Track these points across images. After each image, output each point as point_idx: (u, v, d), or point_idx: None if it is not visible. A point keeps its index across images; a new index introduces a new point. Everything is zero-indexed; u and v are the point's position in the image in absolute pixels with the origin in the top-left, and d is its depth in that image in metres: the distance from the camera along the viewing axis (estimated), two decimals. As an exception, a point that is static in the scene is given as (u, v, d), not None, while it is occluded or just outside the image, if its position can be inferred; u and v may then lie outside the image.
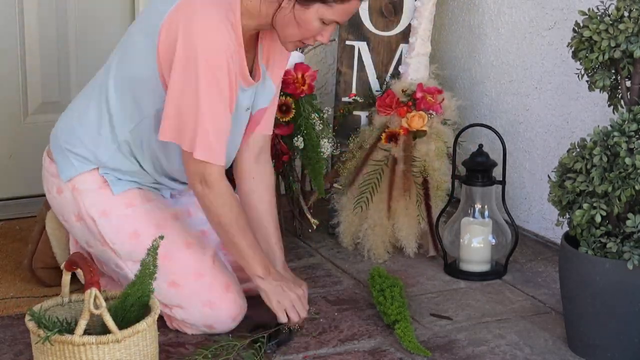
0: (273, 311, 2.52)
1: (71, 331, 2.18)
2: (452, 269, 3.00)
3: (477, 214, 2.96)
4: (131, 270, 2.48)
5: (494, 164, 2.97)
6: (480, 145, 2.99)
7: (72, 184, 2.54)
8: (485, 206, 2.96)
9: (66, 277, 2.31)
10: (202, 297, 2.53)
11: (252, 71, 2.55)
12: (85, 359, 2.15)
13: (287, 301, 2.52)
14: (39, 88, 3.32)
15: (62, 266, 2.31)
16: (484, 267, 2.97)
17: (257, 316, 2.60)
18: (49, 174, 2.60)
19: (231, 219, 2.47)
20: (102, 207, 2.54)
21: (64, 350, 2.15)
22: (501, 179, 2.96)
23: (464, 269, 2.98)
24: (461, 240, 2.96)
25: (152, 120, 2.49)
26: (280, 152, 3.04)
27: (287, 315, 2.52)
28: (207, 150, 2.39)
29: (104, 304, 2.16)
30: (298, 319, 2.53)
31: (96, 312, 2.15)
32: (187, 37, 2.34)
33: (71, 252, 2.71)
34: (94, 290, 2.16)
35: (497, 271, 2.99)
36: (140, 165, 2.56)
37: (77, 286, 2.49)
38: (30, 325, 2.19)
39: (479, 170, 2.95)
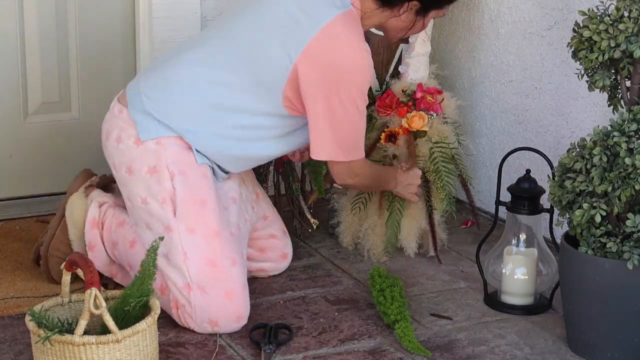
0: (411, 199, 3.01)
1: (71, 331, 2.18)
2: (493, 300, 2.81)
3: (521, 243, 2.76)
4: (180, 235, 2.53)
5: (542, 191, 2.73)
6: (528, 171, 2.76)
7: (158, 139, 2.58)
8: (530, 235, 2.76)
9: (66, 277, 2.31)
10: (227, 285, 2.55)
11: None
12: (85, 359, 2.15)
13: (414, 190, 3.00)
14: (39, 88, 3.32)
15: (61, 266, 2.31)
16: (527, 300, 2.78)
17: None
18: (124, 123, 2.62)
19: (372, 179, 2.88)
20: (183, 167, 2.58)
21: (64, 351, 2.15)
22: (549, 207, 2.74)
23: (505, 301, 2.78)
24: (503, 271, 2.77)
25: (264, 121, 2.63)
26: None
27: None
28: (359, 153, 2.70)
29: (104, 304, 2.16)
30: (420, 196, 3.02)
31: (96, 312, 2.15)
32: (336, 68, 2.54)
33: (87, 236, 2.73)
34: (94, 290, 2.17)
35: (541, 304, 2.78)
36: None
37: (79, 285, 2.49)
38: (31, 325, 2.19)
39: (525, 197, 2.73)
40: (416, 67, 3.20)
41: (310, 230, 3.23)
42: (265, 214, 2.91)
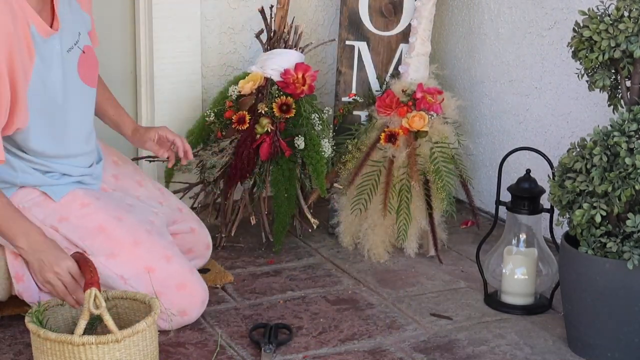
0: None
1: (71, 331, 2.18)
2: (493, 300, 2.81)
3: (521, 243, 2.75)
4: (105, 265, 2.50)
5: (542, 191, 2.73)
6: (528, 171, 2.75)
7: (16, 203, 2.47)
8: (530, 235, 2.75)
9: None
10: (175, 280, 2.55)
11: (53, 22, 2.49)
12: (85, 359, 2.15)
13: (51, 275, 2.31)
14: (39, 88, 3.32)
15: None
16: (527, 300, 2.77)
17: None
18: None
19: None
20: (57, 215, 2.52)
21: (63, 351, 2.15)
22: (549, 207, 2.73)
23: (505, 301, 2.78)
24: (503, 271, 2.77)
25: None
26: (281, 149, 3.04)
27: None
28: None
29: (104, 303, 2.16)
30: (72, 303, 2.31)
31: (96, 312, 2.15)
32: None
33: (13, 268, 2.55)
34: (94, 290, 2.17)
35: (541, 304, 2.78)
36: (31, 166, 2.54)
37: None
38: (31, 325, 2.19)
39: (525, 197, 2.72)
40: (416, 67, 3.20)
41: (310, 230, 3.23)
42: (178, 207, 2.88)
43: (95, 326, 2.30)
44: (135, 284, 2.51)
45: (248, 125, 3.06)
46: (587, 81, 2.50)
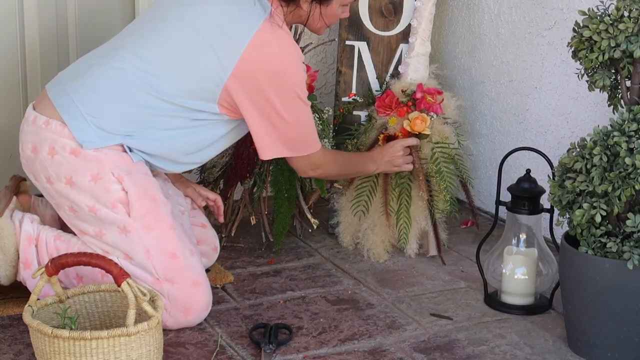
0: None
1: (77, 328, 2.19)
2: (493, 300, 2.81)
3: (521, 243, 2.75)
4: (138, 234, 2.53)
5: (542, 191, 2.73)
6: (528, 171, 2.75)
7: (99, 147, 2.54)
8: (530, 235, 2.75)
9: (53, 279, 2.32)
10: (192, 274, 2.57)
11: None
12: (95, 353, 2.16)
13: (400, 162, 3.02)
14: (39, 87, 3.32)
15: (38, 273, 2.30)
16: (527, 300, 2.77)
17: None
18: (54, 134, 2.55)
19: (340, 167, 2.90)
20: (127, 169, 2.55)
21: (72, 346, 2.16)
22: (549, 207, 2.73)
23: (505, 301, 2.78)
24: (503, 271, 2.77)
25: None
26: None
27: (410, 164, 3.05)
28: (311, 146, 2.73)
29: (145, 291, 2.22)
30: (413, 165, 3.04)
31: (144, 298, 2.21)
32: (274, 75, 2.56)
33: (24, 254, 2.62)
34: (131, 281, 2.22)
35: (541, 304, 2.78)
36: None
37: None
38: (30, 321, 2.20)
39: (525, 197, 2.72)
40: (416, 67, 3.20)
41: (310, 230, 3.23)
42: (192, 205, 2.93)
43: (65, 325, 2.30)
44: (157, 262, 2.53)
45: None
46: (587, 81, 2.50)
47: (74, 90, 2.57)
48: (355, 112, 3.29)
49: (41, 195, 2.74)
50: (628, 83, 2.47)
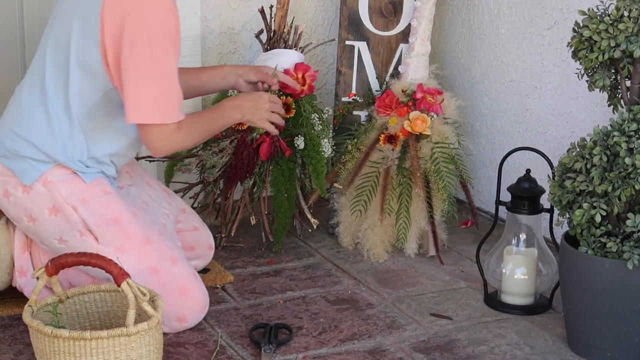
0: (264, 129, 2.79)
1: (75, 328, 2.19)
2: (493, 300, 2.80)
3: (521, 243, 2.74)
4: (112, 258, 2.48)
5: (542, 191, 2.72)
6: (528, 171, 2.74)
7: (43, 178, 2.50)
8: (530, 235, 2.74)
9: (53, 279, 2.32)
10: (178, 284, 2.54)
11: None
12: (96, 353, 2.15)
13: (265, 115, 2.73)
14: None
15: (37, 273, 2.30)
16: (527, 300, 2.77)
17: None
18: (3, 176, 2.53)
19: (203, 127, 2.57)
20: (80, 196, 2.51)
21: (72, 346, 2.16)
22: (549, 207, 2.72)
23: (505, 301, 2.77)
24: (503, 271, 2.76)
25: (103, 104, 2.49)
26: (281, 149, 3.04)
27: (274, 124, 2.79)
28: (178, 113, 2.46)
29: (145, 291, 2.21)
30: (279, 122, 2.79)
31: (144, 298, 2.21)
32: (137, 14, 2.36)
33: (19, 262, 2.62)
34: (130, 281, 2.21)
35: (541, 304, 2.78)
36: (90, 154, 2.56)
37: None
38: (30, 321, 2.20)
39: (525, 197, 2.71)
40: (416, 67, 3.20)
41: (310, 230, 3.23)
42: (182, 207, 2.89)
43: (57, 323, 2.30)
44: (138, 282, 2.50)
45: (248, 125, 3.06)
46: (587, 81, 2.50)
47: (3, 127, 2.54)
48: (355, 112, 3.29)
49: None
50: (628, 83, 2.47)
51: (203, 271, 2.91)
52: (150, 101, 2.41)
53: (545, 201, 2.73)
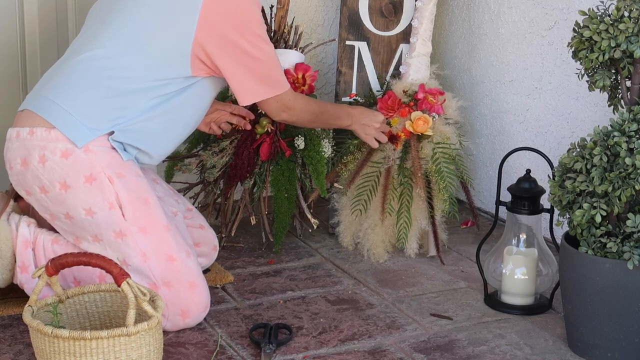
0: (365, 142, 3.06)
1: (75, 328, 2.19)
2: (493, 300, 2.80)
3: (521, 243, 2.75)
4: (134, 237, 2.51)
5: (542, 191, 2.72)
6: (528, 171, 2.74)
7: (85, 146, 2.52)
8: (530, 235, 2.74)
9: (53, 279, 2.32)
10: (189, 276, 2.56)
11: None
12: (95, 353, 2.16)
13: (373, 133, 3.03)
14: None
15: (38, 273, 2.30)
16: (527, 300, 2.77)
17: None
18: (42, 142, 2.52)
19: (313, 113, 2.85)
20: (118, 169, 2.54)
21: (72, 346, 2.16)
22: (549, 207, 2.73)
23: (505, 301, 2.77)
24: (503, 271, 2.76)
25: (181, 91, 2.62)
26: (281, 149, 3.04)
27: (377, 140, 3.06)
28: (282, 85, 2.72)
29: (145, 291, 2.21)
30: (384, 140, 3.06)
31: (144, 298, 2.20)
32: (234, 14, 2.57)
33: (21, 258, 2.62)
34: (131, 280, 2.21)
35: (541, 304, 2.78)
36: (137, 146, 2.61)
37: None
38: (31, 321, 2.20)
39: (525, 197, 2.71)
40: (417, 67, 3.20)
41: (310, 230, 3.23)
42: (187, 207, 2.91)
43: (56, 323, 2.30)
44: (154, 265, 2.53)
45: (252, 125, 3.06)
46: (587, 81, 2.50)
47: (48, 92, 2.57)
48: (355, 112, 3.29)
49: None
50: (628, 83, 2.47)
51: (204, 271, 2.91)
52: (257, 82, 2.64)
53: (545, 201, 2.73)
